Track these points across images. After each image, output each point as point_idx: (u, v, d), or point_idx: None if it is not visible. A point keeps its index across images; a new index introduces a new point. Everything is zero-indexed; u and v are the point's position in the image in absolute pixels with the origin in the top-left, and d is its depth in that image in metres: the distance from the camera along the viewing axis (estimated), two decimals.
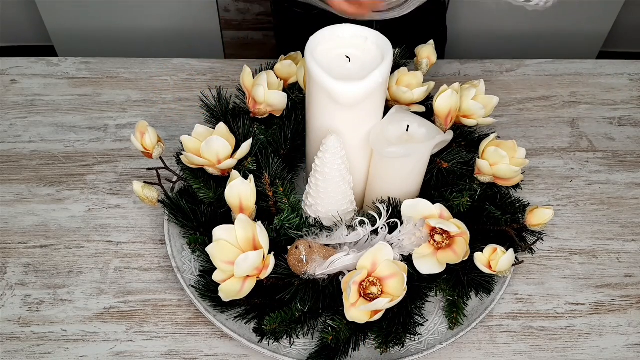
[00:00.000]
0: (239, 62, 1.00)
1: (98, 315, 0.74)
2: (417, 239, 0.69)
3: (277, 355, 0.68)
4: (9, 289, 0.76)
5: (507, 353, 0.73)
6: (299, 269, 0.67)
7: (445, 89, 0.75)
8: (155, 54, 1.51)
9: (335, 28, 0.66)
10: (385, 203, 0.71)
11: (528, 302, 0.77)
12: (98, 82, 0.98)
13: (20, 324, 0.73)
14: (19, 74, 0.98)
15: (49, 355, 0.71)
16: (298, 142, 0.81)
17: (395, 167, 0.70)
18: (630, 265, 0.81)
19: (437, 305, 0.74)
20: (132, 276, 0.77)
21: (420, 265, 0.68)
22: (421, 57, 0.86)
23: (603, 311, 0.77)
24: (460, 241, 0.68)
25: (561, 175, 0.89)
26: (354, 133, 0.68)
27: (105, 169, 0.87)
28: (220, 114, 0.81)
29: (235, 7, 1.91)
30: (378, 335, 0.68)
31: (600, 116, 0.96)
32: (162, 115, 0.94)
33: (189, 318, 0.74)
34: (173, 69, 1.00)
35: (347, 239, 0.68)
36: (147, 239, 0.81)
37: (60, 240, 0.80)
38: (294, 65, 0.84)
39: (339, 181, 0.69)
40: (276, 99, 0.78)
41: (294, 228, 0.71)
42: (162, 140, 0.75)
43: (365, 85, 0.62)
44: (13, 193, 0.84)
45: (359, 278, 0.64)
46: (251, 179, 0.70)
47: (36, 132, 0.91)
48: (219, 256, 0.65)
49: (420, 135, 0.69)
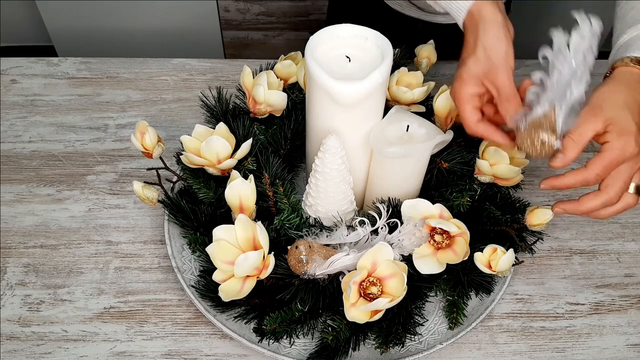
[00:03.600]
0: (239, 62, 1.00)
1: (98, 315, 0.74)
2: (417, 239, 0.69)
3: (277, 355, 0.68)
4: (9, 289, 0.76)
5: (507, 353, 0.73)
6: (299, 269, 0.67)
7: (445, 89, 0.75)
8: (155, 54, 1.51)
9: (336, 28, 0.66)
10: (385, 203, 0.71)
11: (528, 302, 0.77)
12: (98, 82, 0.98)
13: (20, 324, 0.73)
14: (19, 74, 0.98)
15: (49, 355, 0.71)
16: (298, 142, 0.81)
17: (395, 167, 0.70)
18: (630, 265, 0.81)
19: (437, 305, 0.74)
20: (132, 276, 0.77)
21: (420, 265, 0.68)
22: (421, 57, 0.86)
23: (603, 311, 0.77)
24: (460, 241, 0.68)
25: None
26: (354, 133, 0.68)
27: (105, 169, 0.87)
28: (220, 114, 0.81)
29: (235, 7, 1.91)
30: (378, 335, 0.68)
31: None
32: (162, 115, 0.94)
33: (189, 318, 0.74)
34: (173, 69, 1.00)
35: (347, 239, 0.68)
36: (147, 239, 0.81)
37: (60, 240, 0.80)
38: (294, 65, 0.84)
39: (339, 181, 0.69)
40: (276, 99, 0.78)
41: (294, 228, 0.71)
42: (162, 140, 0.75)
43: (365, 85, 0.62)
44: (13, 193, 0.84)
45: (359, 278, 0.64)
46: (251, 179, 0.70)
47: (36, 132, 0.91)
48: (219, 256, 0.65)
49: (420, 135, 0.69)
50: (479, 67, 0.62)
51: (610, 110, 0.60)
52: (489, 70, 0.61)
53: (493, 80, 0.62)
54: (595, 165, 0.61)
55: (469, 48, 0.62)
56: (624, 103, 0.60)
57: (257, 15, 1.94)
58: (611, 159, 0.61)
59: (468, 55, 0.62)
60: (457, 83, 0.64)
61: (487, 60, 0.61)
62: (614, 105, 0.60)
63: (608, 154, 0.61)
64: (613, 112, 0.60)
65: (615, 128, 0.60)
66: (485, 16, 0.61)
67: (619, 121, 0.60)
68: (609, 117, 0.60)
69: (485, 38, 0.61)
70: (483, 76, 0.62)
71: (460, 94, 0.63)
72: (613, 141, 0.60)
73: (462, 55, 0.64)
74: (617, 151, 0.60)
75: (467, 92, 0.63)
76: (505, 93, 0.62)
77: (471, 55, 0.62)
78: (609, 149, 0.60)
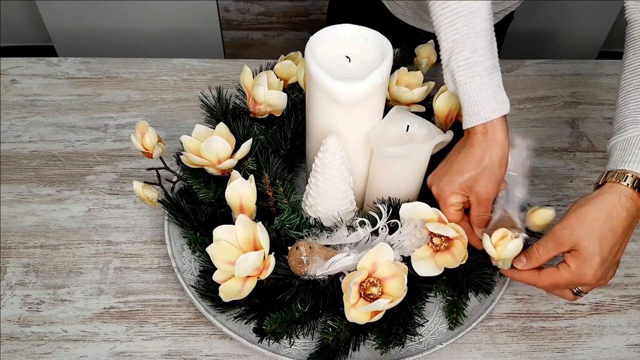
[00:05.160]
0: (239, 62, 1.00)
1: (98, 316, 0.74)
2: (418, 239, 0.69)
3: (277, 355, 0.68)
4: (9, 289, 0.76)
5: (507, 353, 0.73)
6: (299, 270, 0.67)
7: (445, 89, 0.75)
8: (155, 54, 1.51)
9: (336, 28, 0.66)
10: (386, 203, 0.71)
11: (528, 302, 0.77)
12: (98, 82, 0.98)
13: (20, 324, 0.73)
14: (19, 74, 0.98)
15: (49, 355, 0.71)
16: (298, 142, 0.81)
17: (395, 167, 0.70)
18: (630, 265, 0.81)
19: (437, 305, 0.74)
20: (132, 276, 0.77)
21: (418, 267, 0.68)
22: (421, 57, 0.86)
23: (603, 311, 0.77)
24: (458, 244, 0.68)
25: (561, 175, 0.89)
26: (354, 133, 0.68)
27: (105, 169, 0.87)
28: (220, 114, 0.81)
29: (235, 7, 1.91)
30: (378, 336, 0.68)
31: (600, 116, 0.96)
32: (162, 115, 0.94)
33: (189, 318, 0.74)
34: (173, 69, 1.00)
35: (347, 239, 0.68)
36: (147, 239, 0.81)
37: (60, 240, 0.80)
38: (294, 65, 0.84)
39: (339, 181, 0.69)
40: (276, 99, 0.78)
41: (294, 228, 0.71)
42: (162, 140, 0.75)
43: (365, 85, 0.62)
44: (13, 193, 0.84)
45: (359, 279, 0.64)
46: (251, 179, 0.70)
47: (36, 132, 0.91)
48: (219, 256, 0.65)
49: (420, 135, 0.69)
50: (474, 183, 0.65)
51: (580, 236, 0.61)
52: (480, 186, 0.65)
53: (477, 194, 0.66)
54: (547, 278, 0.64)
55: (473, 161, 0.64)
56: (598, 233, 0.60)
57: (257, 15, 1.94)
58: (565, 280, 0.63)
59: (469, 169, 0.64)
60: (447, 186, 0.66)
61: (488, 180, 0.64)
62: (587, 232, 0.61)
63: (563, 275, 0.63)
64: (583, 239, 0.61)
65: (580, 256, 0.61)
66: (498, 139, 0.63)
67: (585, 250, 0.61)
68: (577, 243, 0.61)
69: (493, 161, 0.63)
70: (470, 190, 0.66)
71: (448, 199, 0.67)
72: (572, 267, 0.62)
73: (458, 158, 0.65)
74: (573, 278, 0.62)
75: (456, 200, 0.67)
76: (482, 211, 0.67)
77: (472, 170, 0.64)
78: (565, 270, 0.63)
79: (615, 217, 0.60)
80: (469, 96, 0.62)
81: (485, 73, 0.61)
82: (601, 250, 0.60)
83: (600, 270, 0.61)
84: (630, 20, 0.70)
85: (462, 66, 0.61)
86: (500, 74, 0.63)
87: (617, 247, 0.62)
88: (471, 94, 0.61)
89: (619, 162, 0.63)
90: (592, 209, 0.61)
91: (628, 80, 0.67)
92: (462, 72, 0.61)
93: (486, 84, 0.61)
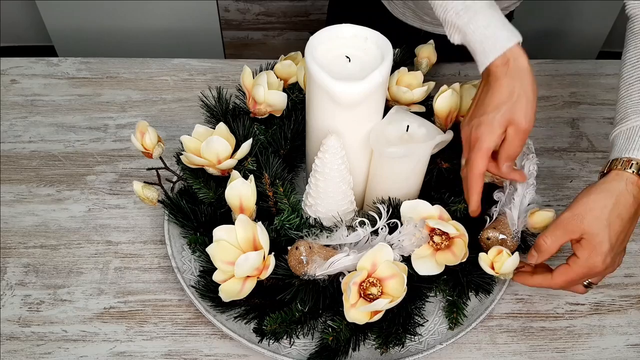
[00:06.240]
0: (239, 62, 1.00)
1: (98, 316, 0.74)
2: (418, 239, 0.69)
3: (277, 355, 0.68)
4: (9, 289, 0.76)
5: (507, 353, 0.73)
6: (299, 270, 0.67)
7: (445, 89, 0.75)
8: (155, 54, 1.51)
9: (336, 28, 0.66)
10: (386, 203, 0.71)
11: (528, 302, 0.77)
12: (98, 82, 0.98)
13: (20, 324, 0.73)
14: (19, 74, 0.98)
15: (49, 355, 0.71)
16: (298, 142, 0.81)
17: (395, 167, 0.70)
18: (630, 265, 0.81)
19: (437, 305, 0.74)
20: (132, 276, 0.77)
21: (418, 266, 0.68)
22: (421, 57, 0.86)
23: (603, 311, 0.77)
24: (459, 242, 0.68)
25: (561, 175, 0.89)
26: (354, 133, 0.68)
27: (105, 169, 0.87)
28: (220, 114, 0.81)
29: (235, 7, 1.91)
30: (378, 336, 0.68)
31: (600, 116, 0.96)
32: (162, 115, 0.94)
33: (189, 318, 0.74)
34: (173, 69, 1.00)
35: (347, 239, 0.68)
36: (147, 239, 0.81)
37: (60, 240, 0.80)
38: (294, 65, 0.84)
39: (339, 181, 0.69)
40: (276, 99, 0.78)
41: (294, 228, 0.71)
42: (162, 140, 0.75)
43: (365, 85, 0.62)
44: (13, 193, 0.84)
45: (359, 279, 0.64)
46: (251, 179, 0.70)
47: (36, 132, 0.91)
48: (219, 256, 0.65)
49: (420, 135, 0.69)
50: (512, 114, 0.61)
51: (590, 224, 0.61)
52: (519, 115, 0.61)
53: (517, 123, 0.61)
54: (560, 277, 0.64)
55: (505, 92, 0.61)
56: (606, 220, 0.61)
57: (257, 15, 1.93)
58: (578, 274, 0.63)
59: (505, 100, 0.61)
60: (487, 128, 0.62)
61: (526, 107, 0.61)
62: (596, 219, 0.61)
63: (575, 269, 0.63)
64: (592, 227, 0.61)
65: (589, 244, 0.61)
66: (522, 65, 0.60)
67: (594, 237, 0.61)
68: (587, 230, 0.61)
69: (526, 88, 0.60)
70: (510, 121, 0.62)
71: (484, 143, 0.62)
72: (582, 258, 0.62)
73: (487, 96, 0.62)
74: (584, 269, 0.62)
75: (494, 142, 0.62)
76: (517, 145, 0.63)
77: (508, 102, 0.61)
78: (577, 264, 0.63)
79: (622, 204, 0.61)
80: (478, 33, 0.60)
81: (486, 7, 0.60)
82: (610, 237, 0.61)
83: (610, 257, 0.61)
84: (632, 15, 0.70)
85: (461, 10, 0.60)
86: (499, 9, 0.61)
87: (624, 234, 0.62)
88: (480, 30, 0.60)
89: (623, 150, 0.63)
90: (600, 196, 0.61)
91: (630, 73, 0.67)
92: (463, 15, 0.60)
93: (492, 16, 0.60)
